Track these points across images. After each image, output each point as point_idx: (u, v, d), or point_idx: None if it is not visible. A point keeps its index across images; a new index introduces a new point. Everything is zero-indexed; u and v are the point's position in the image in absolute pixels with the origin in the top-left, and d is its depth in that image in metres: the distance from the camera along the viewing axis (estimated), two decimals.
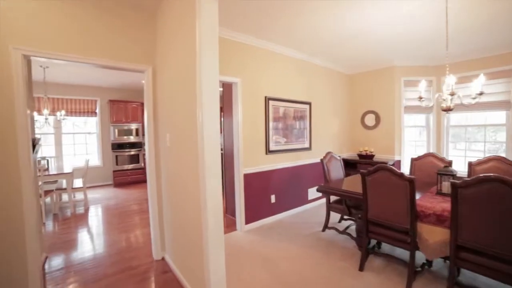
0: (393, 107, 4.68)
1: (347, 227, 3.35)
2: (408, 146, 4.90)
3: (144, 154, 7.31)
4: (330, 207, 3.31)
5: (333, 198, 3.37)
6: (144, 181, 7.19)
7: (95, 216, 4.28)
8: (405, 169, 4.75)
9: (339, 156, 3.71)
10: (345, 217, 3.64)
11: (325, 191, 2.97)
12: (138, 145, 7.23)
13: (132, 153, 7.12)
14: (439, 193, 2.35)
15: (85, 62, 2.24)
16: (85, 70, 5.20)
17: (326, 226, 3.39)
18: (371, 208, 2.31)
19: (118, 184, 6.85)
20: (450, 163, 2.87)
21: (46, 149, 6.40)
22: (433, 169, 2.98)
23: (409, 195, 2.00)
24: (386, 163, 4.59)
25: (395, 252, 2.71)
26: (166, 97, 2.37)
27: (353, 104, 5.35)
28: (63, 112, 5.34)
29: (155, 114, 2.66)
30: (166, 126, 2.39)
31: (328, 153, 3.54)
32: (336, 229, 3.23)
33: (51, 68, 4.95)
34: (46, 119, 5.14)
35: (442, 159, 2.98)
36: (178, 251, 2.34)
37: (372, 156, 4.79)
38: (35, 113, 5.62)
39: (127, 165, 7.03)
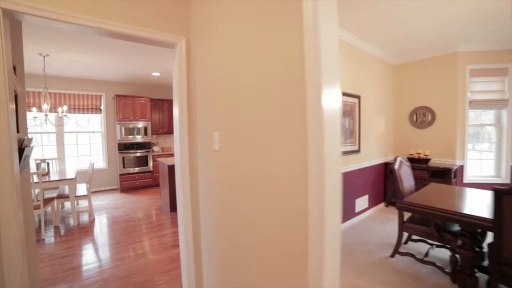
0: (454, 101, 3.93)
1: (427, 253, 2.63)
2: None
3: (153, 156, 6.61)
4: (404, 227, 2.59)
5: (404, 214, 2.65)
6: (152, 186, 6.50)
7: (102, 231, 3.57)
8: (469, 176, 4.02)
9: (408, 161, 2.98)
10: (414, 237, 2.93)
11: (420, 211, 2.24)
12: (147, 146, 6.51)
13: (139, 154, 6.38)
14: None
15: (94, 27, 1.53)
16: (89, 59, 4.49)
17: (396, 251, 2.66)
18: (510, 243, 1.59)
19: (125, 189, 6.13)
20: None
21: (46, 150, 5.71)
22: None
23: None
24: (450, 169, 3.92)
25: None
26: (211, 82, 1.66)
27: (400, 99, 4.60)
28: (65, 107, 4.64)
29: (190, 107, 1.94)
30: (213, 122, 1.67)
31: (397, 157, 2.81)
32: (412, 256, 2.51)
33: (52, 56, 4.25)
34: (46, 115, 4.45)
35: None
36: None
37: (427, 160, 4.06)
38: (34, 109, 4.96)
39: (134, 168, 6.30)
